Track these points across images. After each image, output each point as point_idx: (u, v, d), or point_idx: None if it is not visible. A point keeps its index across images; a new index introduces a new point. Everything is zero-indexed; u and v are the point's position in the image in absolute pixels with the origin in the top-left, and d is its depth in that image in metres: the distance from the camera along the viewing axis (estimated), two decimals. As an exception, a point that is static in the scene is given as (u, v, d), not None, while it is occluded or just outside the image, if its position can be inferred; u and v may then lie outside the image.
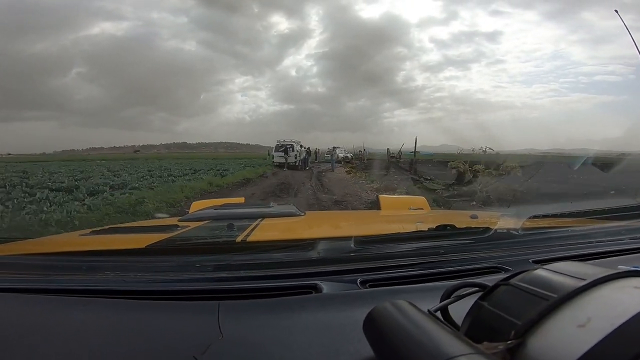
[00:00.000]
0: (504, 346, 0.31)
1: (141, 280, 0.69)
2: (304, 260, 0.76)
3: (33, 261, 0.81)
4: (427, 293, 0.57)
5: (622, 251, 0.78)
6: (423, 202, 1.84)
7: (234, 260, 0.76)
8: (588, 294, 0.32)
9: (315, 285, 0.64)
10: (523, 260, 0.73)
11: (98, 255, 0.85)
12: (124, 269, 0.73)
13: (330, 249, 0.81)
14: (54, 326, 0.53)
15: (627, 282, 0.33)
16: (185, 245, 0.96)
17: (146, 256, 0.83)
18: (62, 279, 0.70)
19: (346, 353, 0.44)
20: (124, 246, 1.00)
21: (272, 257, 0.78)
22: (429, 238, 0.87)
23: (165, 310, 0.57)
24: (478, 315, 0.38)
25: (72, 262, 0.80)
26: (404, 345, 0.33)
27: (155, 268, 0.75)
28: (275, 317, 0.54)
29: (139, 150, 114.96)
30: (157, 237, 0.95)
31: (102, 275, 0.71)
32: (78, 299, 0.60)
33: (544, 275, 0.37)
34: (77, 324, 0.54)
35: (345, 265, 0.72)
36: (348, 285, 0.65)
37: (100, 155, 62.14)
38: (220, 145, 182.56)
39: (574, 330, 0.29)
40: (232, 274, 0.70)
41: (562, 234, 0.91)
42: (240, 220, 1.24)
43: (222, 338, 0.48)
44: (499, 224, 0.94)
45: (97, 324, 0.54)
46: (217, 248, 0.90)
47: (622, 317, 0.28)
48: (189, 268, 0.73)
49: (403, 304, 0.39)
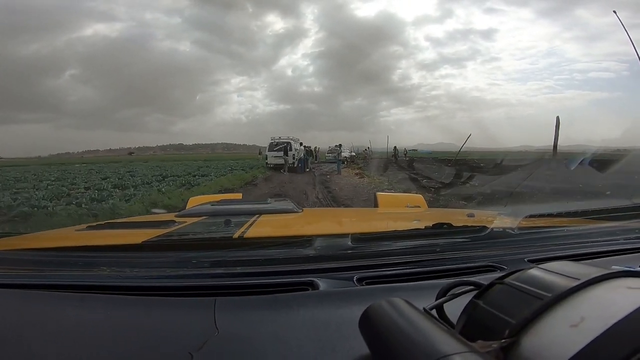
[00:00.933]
0: (498, 345, 0.32)
1: (137, 276, 0.69)
2: (300, 257, 0.76)
3: (28, 256, 0.81)
4: (423, 291, 0.57)
5: (617, 251, 0.79)
6: (420, 200, 1.85)
7: (231, 257, 0.76)
8: (582, 294, 0.32)
9: (312, 282, 0.64)
10: (519, 260, 0.74)
11: (94, 251, 0.85)
12: (120, 264, 0.73)
13: (327, 246, 0.81)
14: (49, 322, 0.53)
15: (621, 282, 0.33)
16: (181, 241, 0.95)
17: (142, 252, 0.83)
18: (57, 275, 0.70)
19: (342, 350, 0.44)
20: (120, 242, 0.99)
21: (269, 254, 0.78)
22: (425, 236, 0.87)
23: (161, 306, 0.57)
24: (473, 313, 0.38)
25: (67, 257, 0.79)
26: (399, 343, 0.33)
27: (151, 264, 0.75)
28: (271, 313, 0.54)
29: (134, 152, 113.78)
30: (153, 233, 0.94)
31: (98, 271, 0.70)
32: (74, 295, 0.60)
33: (539, 274, 0.37)
34: (72, 320, 0.54)
35: (342, 262, 0.72)
36: (344, 283, 0.65)
37: (96, 158, 60.76)
38: (217, 146, 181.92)
39: (567, 330, 0.30)
40: (229, 270, 0.70)
41: (557, 234, 0.92)
42: (238, 216, 1.23)
43: (218, 334, 0.48)
44: (495, 223, 0.95)
45: (92, 319, 0.54)
46: (214, 244, 0.89)
47: (615, 317, 0.28)
48: (186, 264, 0.73)
49: (399, 302, 0.39)
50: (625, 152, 4.62)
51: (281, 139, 18.81)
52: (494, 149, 29.68)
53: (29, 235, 1.19)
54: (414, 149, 19.35)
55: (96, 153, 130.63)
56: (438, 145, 35.00)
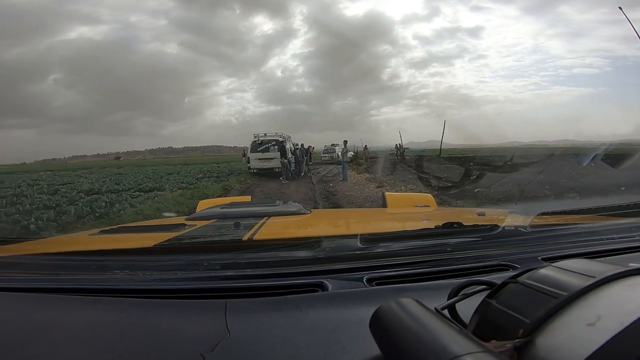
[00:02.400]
0: (512, 345, 0.31)
1: (149, 279, 0.70)
2: (310, 259, 0.76)
3: (44, 261, 0.82)
4: (434, 291, 0.56)
5: (633, 248, 0.77)
6: (429, 199, 1.83)
7: (241, 259, 0.77)
8: (598, 292, 0.32)
9: (322, 283, 0.64)
10: (531, 258, 0.72)
11: (107, 255, 0.86)
12: (133, 268, 0.74)
13: (337, 247, 0.81)
14: (64, 324, 0.54)
15: (638, 280, 0.33)
16: (192, 244, 0.96)
17: (154, 255, 0.84)
18: (72, 279, 0.71)
19: (352, 351, 0.44)
20: (132, 245, 1.01)
21: (279, 256, 0.79)
22: (435, 236, 0.87)
23: (173, 309, 0.58)
24: (486, 313, 0.37)
25: (81, 261, 0.81)
26: (411, 344, 0.33)
27: (163, 267, 0.76)
28: (282, 315, 0.54)
29: (121, 157, 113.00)
30: (164, 237, 0.95)
31: (111, 275, 0.72)
32: (88, 298, 0.61)
33: (553, 273, 0.36)
34: (87, 323, 0.55)
35: (352, 263, 0.72)
36: (354, 284, 0.65)
37: (83, 163, 59.26)
38: (208, 148, 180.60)
39: (583, 329, 0.29)
40: (239, 273, 0.71)
41: (571, 231, 0.90)
42: (247, 219, 1.24)
43: (230, 336, 0.49)
44: (506, 222, 0.93)
45: (106, 322, 0.54)
46: (224, 247, 0.90)
47: (633, 315, 0.27)
48: (197, 267, 0.73)
49: (409, 302, 0.39)
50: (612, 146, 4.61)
51: (268, 137, 14.56)
52: (478, 146, 29.40)
53: (44, 240, 1.22)
54: (406, 147, 18.93)
55: (83, 158, 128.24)
56: (428, 143, 34.76)
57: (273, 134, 14.82)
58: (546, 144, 32.08)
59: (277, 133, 14.99)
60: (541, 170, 7.05)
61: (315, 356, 0.45)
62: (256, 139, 14.49)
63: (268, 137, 14.48)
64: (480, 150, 21.53)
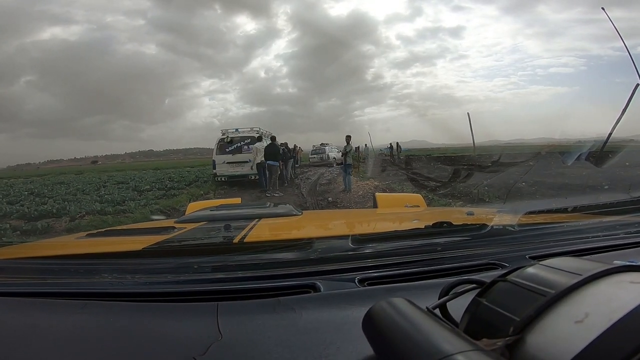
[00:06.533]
0: (503, 342, 0.32)
1: (139, 282, 0.69)
2: (301, 260, 0.75)
3: (30, 265, 0.80)
4: (425, 290, 0.57)
5: (618, 246, 0.79)
6: (419, 199, 1.85)
7: (232, 261, 0.76)
8: (585, 290, 0.32)
9: (314, 284, 0.64)
10: (519, 257, 0.74)
11: (95, 258, 0.85)
12: (121, 271, 0.72)
13: (328, 248, 0.81)
14: (51, 329, 0.53)
15: (624, 277, 0.33)
16: (182, 246, 0.95)
17: (143, 258, 0.83)
18: (59, 282, 0.69)
19: (346, 352, 0.44)
20: (120, 249, 0.99)
21: (270, 257, 0.78)
22: (425, 235, 0.87)
23: (163, 312, 0.57)
24: (476, 312, 0.38)
25: (68, 265, 0.79)
26: (403, 343, 0.33)
27: (152, 270, 0.74)
28: (274, 317, 0.54)
29: (98, 162, 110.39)
30: (154, 239, 0.94)
31: (99, 278, 0.70)
32: (76, 302, 0.60)
33: (541, 271, 0.37)
34: (74, 327, 0.54)
35: (343, 264, 0.72)
36: (346, 284, 0.65)
37: (59, 168, 56.23)
38: (190, 151, 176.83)
39: (571, 326, 0.30)
40: (230, 275, 0.70)
41: (557, 230, 0.92)
42: (237, 220, 1.23)
43: (222, 339, 0.48)
44: (495, 221, 0.95)
45: (95, 326, 0.53)
46: (215, 249, 0.89)
47: (619, 312, 0.28)
48: (187, 269, 0.73)
49: (401, 301, 0.39)
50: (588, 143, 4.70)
51: (240, 133, 11.04)
52: (460, 145, 29.97)
53: (30, 244, 1.19)
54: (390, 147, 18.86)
55: (60, 163, 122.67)
56: (411, 143, 34.74)
57: (248, 129, 11.19)
58: (524, 141, 32.80)
59: (253, 128, 11.33)
60: (527, 170, 7.20)
61: (309, 358, 0.45)
62: (224, 136, 10.88)
63: (240, 134, 10.97)
64: (467, 149, 21.61)
